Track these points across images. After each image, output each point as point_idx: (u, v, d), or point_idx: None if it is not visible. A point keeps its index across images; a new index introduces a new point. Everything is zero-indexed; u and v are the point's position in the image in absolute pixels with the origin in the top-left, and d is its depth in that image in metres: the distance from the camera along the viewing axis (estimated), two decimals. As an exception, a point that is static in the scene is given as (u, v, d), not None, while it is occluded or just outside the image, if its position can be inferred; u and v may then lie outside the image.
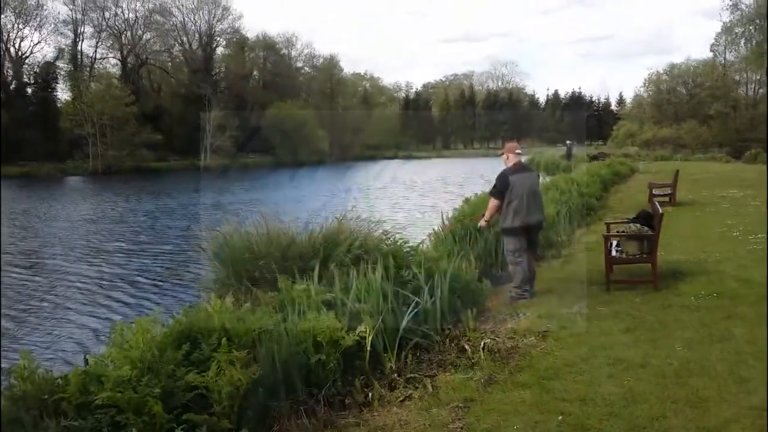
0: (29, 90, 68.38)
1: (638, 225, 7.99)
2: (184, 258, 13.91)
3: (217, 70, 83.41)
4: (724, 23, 59.35)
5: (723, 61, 67.33)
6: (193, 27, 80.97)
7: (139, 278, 12.82)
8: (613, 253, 7.68)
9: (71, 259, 15.52)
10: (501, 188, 7.36)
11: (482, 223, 7.95)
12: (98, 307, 10.62)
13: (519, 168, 7.53)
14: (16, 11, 68.40)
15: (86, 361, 3.95)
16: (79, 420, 3.46)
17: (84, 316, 10.04)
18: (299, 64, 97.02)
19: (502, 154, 7.73)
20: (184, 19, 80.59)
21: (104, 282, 12.56)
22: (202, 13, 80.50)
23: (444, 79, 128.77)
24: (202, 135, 69.84)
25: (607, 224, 9.04)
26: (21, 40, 70.32)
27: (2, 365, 3.90)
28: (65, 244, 18.19)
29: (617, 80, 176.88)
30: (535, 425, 3.95)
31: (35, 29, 72.12)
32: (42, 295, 11.60)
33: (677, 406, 4.10)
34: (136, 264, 14.56)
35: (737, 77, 68.66)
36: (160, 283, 12.14)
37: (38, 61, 70.70)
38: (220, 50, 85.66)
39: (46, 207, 29.67)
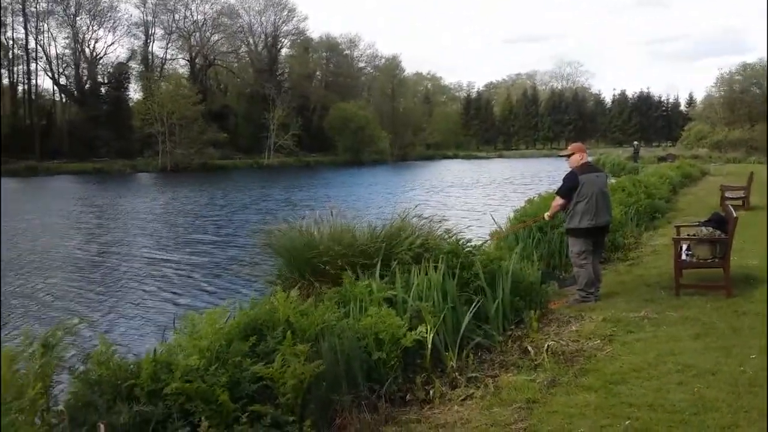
0: (103, 89, 71.14)
1: (710, 228, 7.70)
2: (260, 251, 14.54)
3: (282, 71, 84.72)
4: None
5: (800, 62, 63.95)
6: (259, 29, 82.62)
7: (228, 266, 13.58)
8: (684, 256, 7.43)
9: (161, 249, 16.49)
10: (570, 187, 7.22)
11: (546, 215, 7.90)
12: (193, 293, 11.34)
13: (587, 168, 7.38)
14: (91, 13, 71.31)
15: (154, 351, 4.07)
16: (150, 406, 3.57)
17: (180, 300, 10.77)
18: (361, 65, 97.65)
19: (570, 155, 7.53)
20: (250, 20, 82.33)
21: (196, 270, 13.39)
22: (268, 15, 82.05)
23: (507, 79, 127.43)
24: (265, 134, 71.23)
25: (677, 227, 8.75)
26: (95, 42, 73.22)
27: (73, 351, 4.01)
28: (153, 235, 19.33)
29: (687, 80, 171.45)
30: (601, 429, 3.86)
31: (109, 31, 75.32)
32: (136, 281, 12.44)
33: (750, 416, 3.93)
34: (222, 255, 15.37)
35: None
36: (237, 275, 12.64)
37: (112, 62, 73.73)
38: (284, 51, 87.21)
39: (125, 201, 31.18)
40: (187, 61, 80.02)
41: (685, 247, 7.59)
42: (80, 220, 23.28)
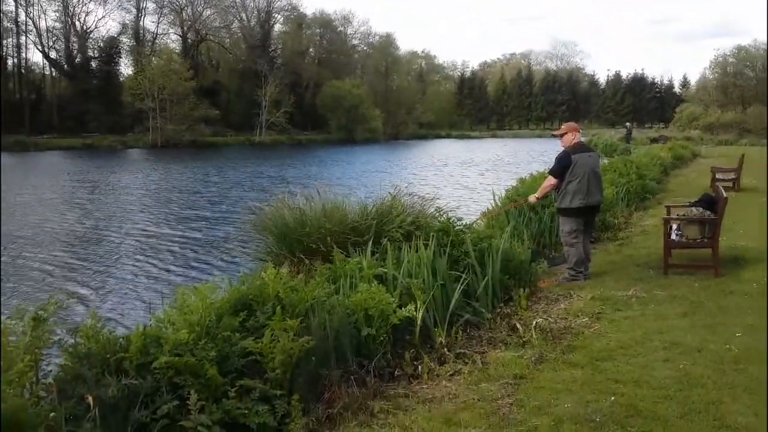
0: (93, 64, 70.36)
1: (700, 209, 7.75)
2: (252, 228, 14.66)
3: (274, 47, 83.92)
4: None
5: (794, 44, 63.80)
6: (252, 4, 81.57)
7: (222, 243, 13.69)
8: (673, 236, 7.48)
9: (155, 224, 16.56)
10: (562, 167, 7.22)
11: (532, 198, 7.90)
12: (186, 268, 11.42)
13: (580, 147, 7.39)
14: (82, -14, 70.22)
15: (144, 325, 4.06)
16: (139, 379, 3.58)
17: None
18: (355, 42, 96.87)
19: (563, 134, 7.52)
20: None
21: (189, 246, 13.46)
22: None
23: (501, 58, 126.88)
24: (257, 111, 70.75)
25: (668, 207, 8.78)
26: (86, 15, 72.38)
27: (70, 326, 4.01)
28: (147, 211, 19.30)
29: (681, 62, 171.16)
30: (587, 404, 3.90)
31: (100, 4, 74.39)
32: (130, 256, 12.49)
33: (735, 392, 3.99)
34: (216, 231, 15.46)
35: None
36: (230, 251, 12.71)
37: (102, 36, 72.94)
38: (277, 27, 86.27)
39: (117, 177, 31.02)
40: (179, 36, 79.14)
41: (674, 227, 7.64)
42: (75, 196, 23.21)
